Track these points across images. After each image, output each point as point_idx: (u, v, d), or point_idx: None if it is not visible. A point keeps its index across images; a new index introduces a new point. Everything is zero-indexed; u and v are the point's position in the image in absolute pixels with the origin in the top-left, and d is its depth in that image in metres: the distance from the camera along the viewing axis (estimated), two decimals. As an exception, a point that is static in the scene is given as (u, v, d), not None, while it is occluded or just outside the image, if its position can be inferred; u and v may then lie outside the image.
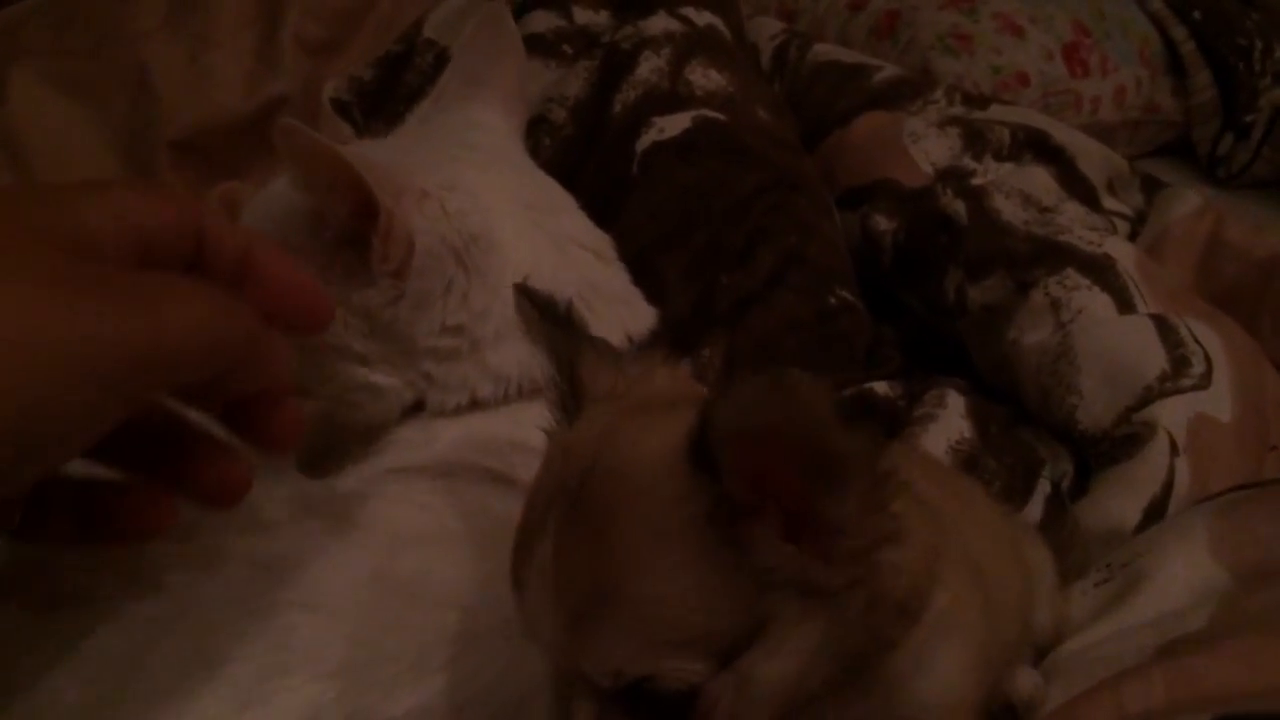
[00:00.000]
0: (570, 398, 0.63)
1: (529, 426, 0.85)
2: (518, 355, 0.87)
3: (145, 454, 0.60)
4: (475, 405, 0.87)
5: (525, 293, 0.69)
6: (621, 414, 0.58)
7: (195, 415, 0.63)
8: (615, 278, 0.99)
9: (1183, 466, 0.96)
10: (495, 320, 0.86)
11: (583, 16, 1.35)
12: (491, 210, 0.88)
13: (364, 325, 0.85)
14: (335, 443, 0.91)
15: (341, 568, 0.76)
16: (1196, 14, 2.19)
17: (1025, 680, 0.80)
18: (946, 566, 0.60)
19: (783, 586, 0.53)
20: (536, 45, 1.32)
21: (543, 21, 1.35)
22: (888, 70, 1.46)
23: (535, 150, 1.26)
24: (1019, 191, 1.21)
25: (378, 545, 0.78)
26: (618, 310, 0.95)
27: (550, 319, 0.65)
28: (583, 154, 1.23)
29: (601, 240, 1.00)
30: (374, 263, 0.82)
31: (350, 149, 0.80)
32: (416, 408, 0.89)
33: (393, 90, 1.36)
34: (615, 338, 0.93)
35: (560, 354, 0.64)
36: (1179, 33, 2.17)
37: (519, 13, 1.36)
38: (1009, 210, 1.18)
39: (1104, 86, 2.05)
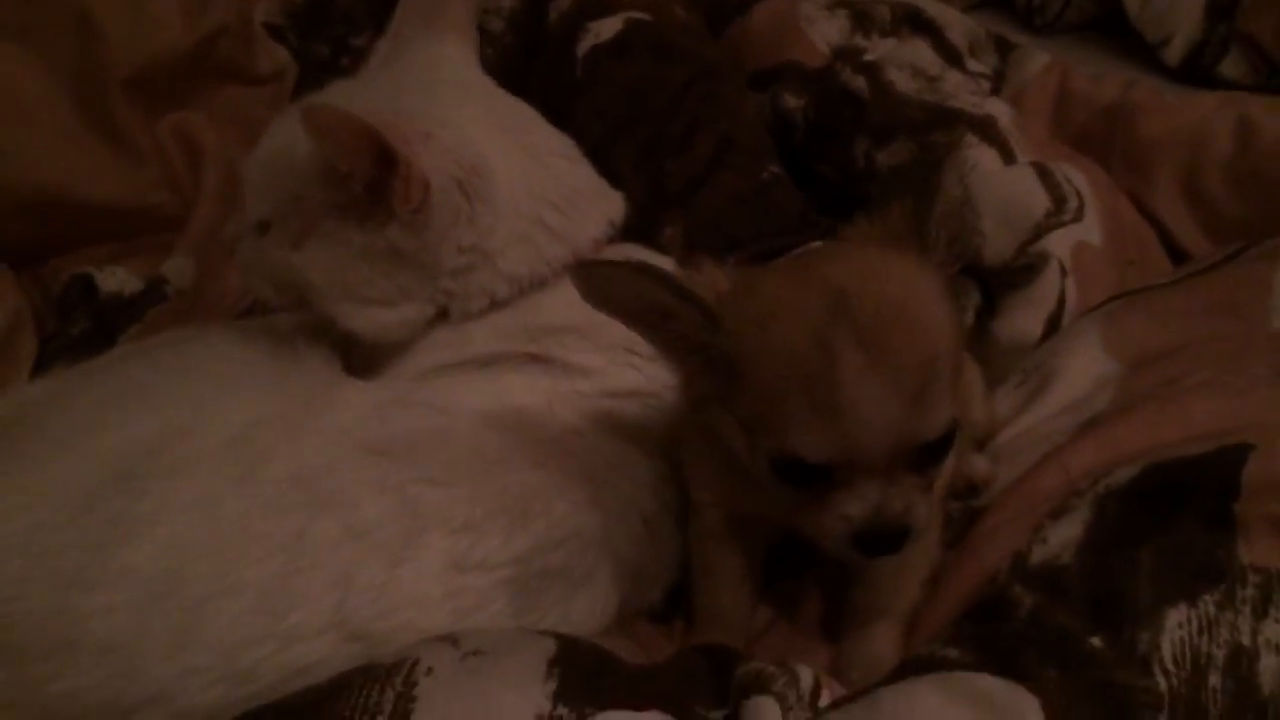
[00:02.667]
0: (703, 312, 0.74)
1: (549, 311, 1.01)
2: (525, 256, 1.01)
3: None
4: (495, 305, 1.02)
5: (588, 269, 0.79)
6: (843, 256, 0.77)
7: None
8: (587, 176, 1.13)
9: (1070, 285, 1.18)
10: (500, 233, 1.00)
11: (506, -71, 1.44)
12: (478, 139, 1.00)
13: (387, 263, 0.98)
14: (372, 354, 1.04)
15: (443, 447, 0.92)
16: None
17: (980, 464, 1.02)
18: None
19: None
20: (464, -41, 1.41)
21: (467, -66, 1.43)
22: (772, -44, 1.62)
23: (480, 60, 1.36)
24: (908, 64, 1.40)
25: (464, 427, 0.94)
26: (598, 204, 1.10)
27: (642, 276, 0.75)
28: (526, 61, 1.35)
29: (568, 144, 1.14)
30: (397, 204, 0.93)
31: (357, 105, 0.91)
32: (441, 315, 1.03)
33: (327, 12, 1.44)
34: (600, 226, 1.08)
35: (669, 293, 0.74)
36: (994, -113, 2.36)
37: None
38: (902, 82, 1.37)
39: (934, -53, 2.24)
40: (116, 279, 1.32)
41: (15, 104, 1.31)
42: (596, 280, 0.77)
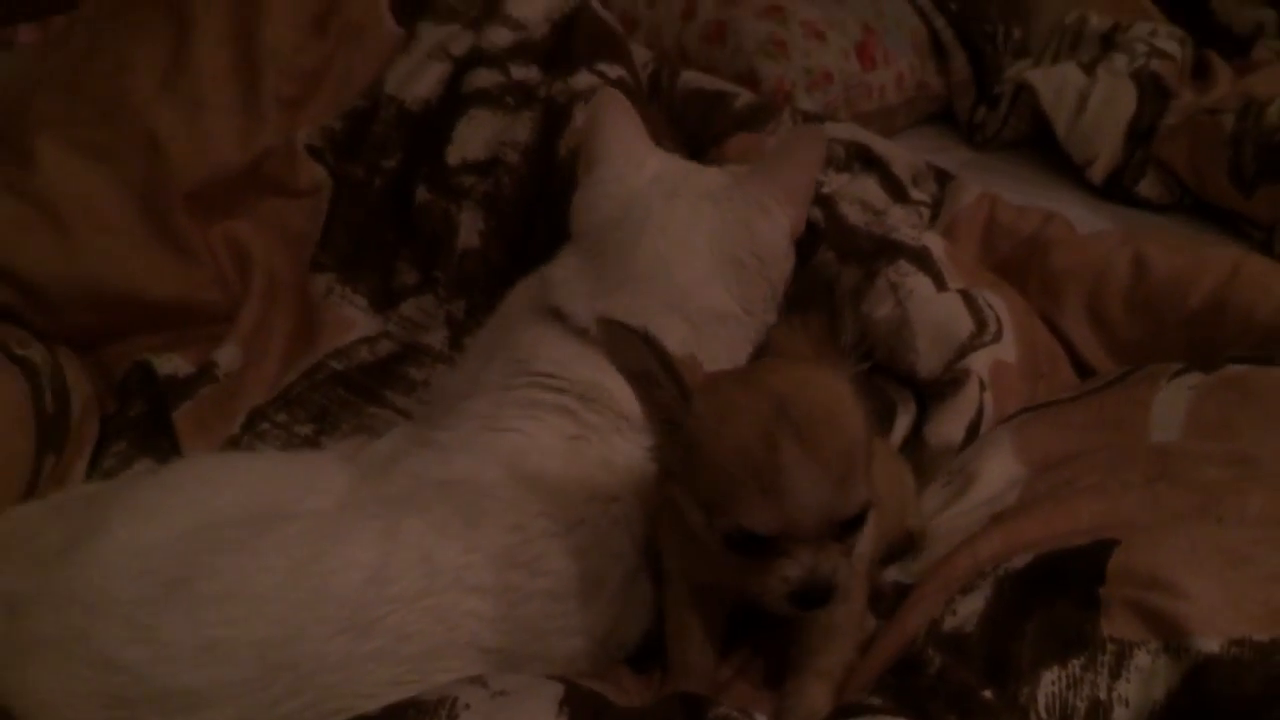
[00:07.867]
0: (681, 392, 0.91)
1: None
2: None
3: None
4: None
5: (610, 324, 0.94)
6: (781, 370, 0.95)
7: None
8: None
9: (989, 399, 1.39)
10: None
11: (519, 73, 1.66)
12: None
13: None
14: None
15: (485, 476, 1.14)
16: (953, 5, 2.60)
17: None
18: None
19: None
20: (483, 99, 1.63)
21: (486, 78, 1.65)
22: (744, 96, 1.85)
23: (497, 187, 1.58)
24: (858, 199, 1.62)
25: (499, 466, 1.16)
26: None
27: (644, 342, 0.91)
28: (538, 191, 1.57)
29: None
30: None
31: None
32: None
33: (362, 139, 1.64)
34: None
35: (658, 364, 0.91)
36: (939, 22, 2.59)
37: (462, 70, 1.66)
38: (853, 215, 1.59)
39: (887, 75, 2.46)
40: (172, 364, 1.50)
41: (94, 214, 1.49)
42: (614, 336, 0.94)
